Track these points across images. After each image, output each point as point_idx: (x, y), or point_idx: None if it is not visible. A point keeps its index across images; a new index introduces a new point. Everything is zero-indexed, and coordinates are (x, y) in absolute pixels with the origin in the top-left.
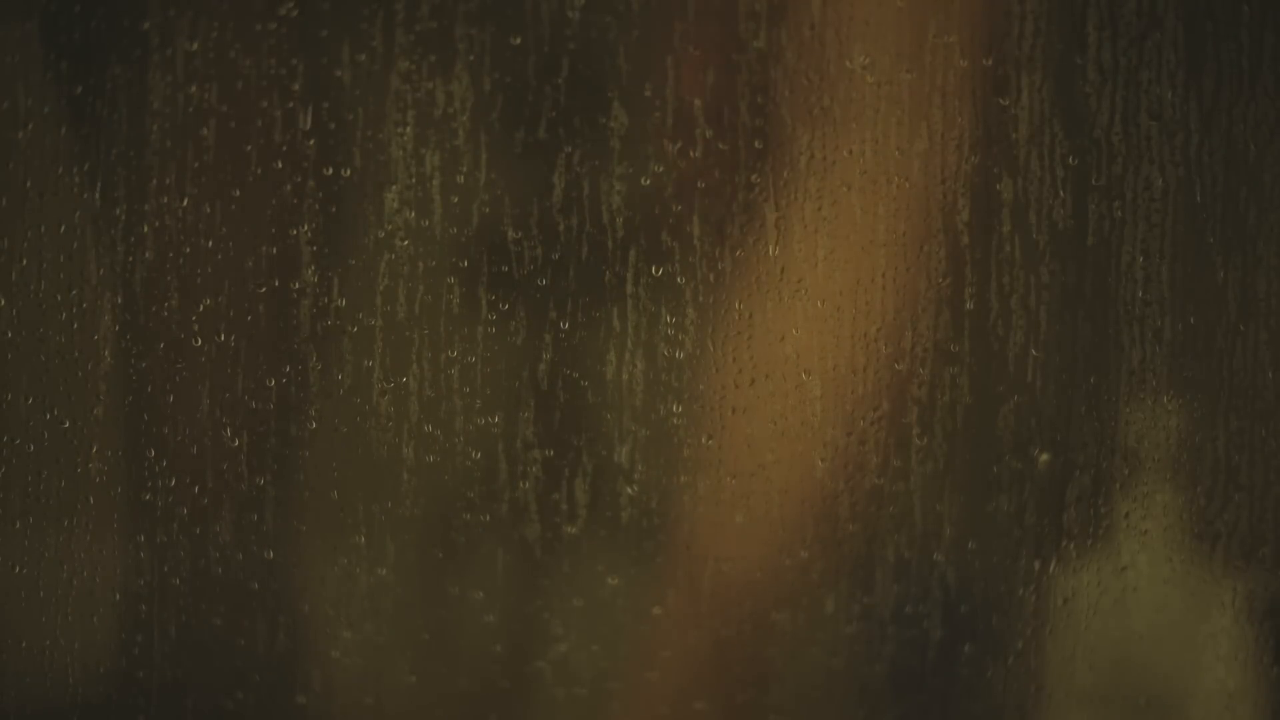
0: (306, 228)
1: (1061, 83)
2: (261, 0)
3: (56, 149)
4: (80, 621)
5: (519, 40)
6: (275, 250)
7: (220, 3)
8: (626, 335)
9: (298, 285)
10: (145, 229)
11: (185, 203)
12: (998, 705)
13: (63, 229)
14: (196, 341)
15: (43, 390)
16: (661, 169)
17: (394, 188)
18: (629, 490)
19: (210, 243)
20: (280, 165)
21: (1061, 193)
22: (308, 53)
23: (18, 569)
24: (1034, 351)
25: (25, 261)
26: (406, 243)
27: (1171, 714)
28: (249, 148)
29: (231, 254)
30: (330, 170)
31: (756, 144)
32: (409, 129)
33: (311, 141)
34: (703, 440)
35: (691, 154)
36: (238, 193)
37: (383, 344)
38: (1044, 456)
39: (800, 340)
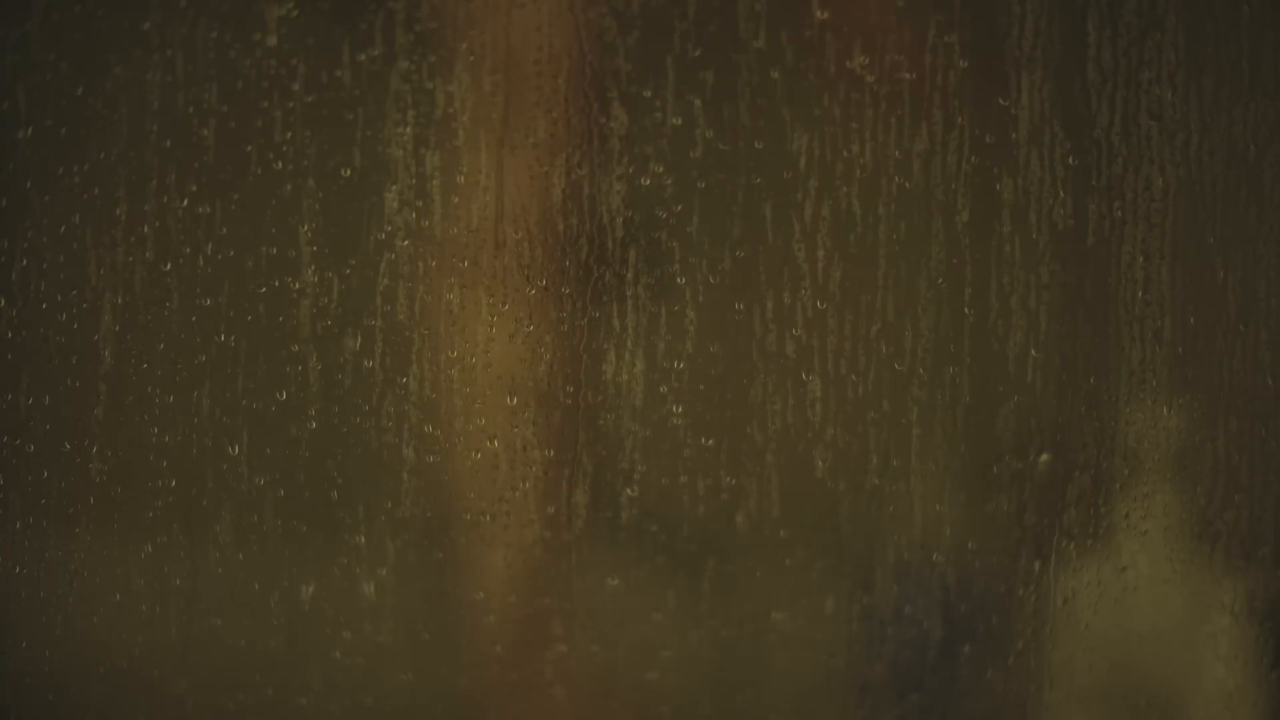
0: (306, 228)
1: (1061, 83)
2: (261, 0)
3: (56, 149)
4: (80, 621)
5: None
6: (275, 250)
7: (220, 3)
8: (626, 335)
9: (298, 285)
10: (145, 229)
11: (185, 203)
12: (998, 705)
13: (63, 229)
14: (196, 341)
15: (43, 390)
16: (661, 169)
17: (394, 188)
18: (629, 491)
19: (210, 243)
20: (280, 165)
21: (1061, 193)
22: (308, 53)
23: (18, 569)
24: (1034, 351)
25: (25, 261)
26: (407, 243)
27: (1171, 714)
28: (249, 148)
29: (231, 254)
30: (330, 170)
31: (757, 144)
32: (409, 129)
33: (312, 142)
34: (703, 440)
35: (691, 154)
36: (237, 194)
37: (383, 344)
38: (1044, 456)
39: (800, 340)
